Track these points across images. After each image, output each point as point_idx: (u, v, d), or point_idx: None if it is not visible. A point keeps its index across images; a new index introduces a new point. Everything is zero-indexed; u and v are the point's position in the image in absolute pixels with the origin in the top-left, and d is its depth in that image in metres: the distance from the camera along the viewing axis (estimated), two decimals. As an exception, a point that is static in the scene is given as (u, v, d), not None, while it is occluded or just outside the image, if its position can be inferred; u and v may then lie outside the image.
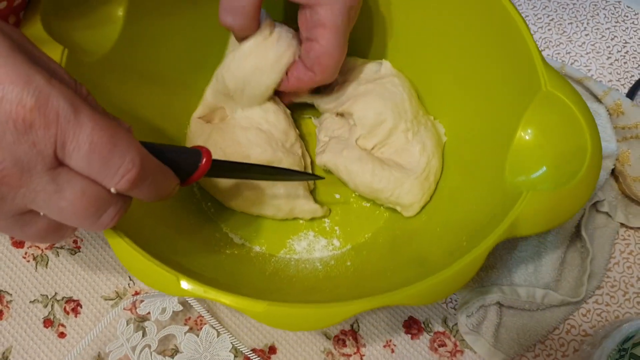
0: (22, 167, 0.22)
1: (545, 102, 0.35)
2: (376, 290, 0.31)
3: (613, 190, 0.47)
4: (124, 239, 0.30)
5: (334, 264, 0.43)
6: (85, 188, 0.24)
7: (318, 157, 0.44)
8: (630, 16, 0.56)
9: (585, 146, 0.33)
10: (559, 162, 0.34)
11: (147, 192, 0.27)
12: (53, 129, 0.22)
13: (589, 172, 0.33)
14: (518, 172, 0.35)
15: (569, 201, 0.33)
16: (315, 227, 0.45)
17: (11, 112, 0.21)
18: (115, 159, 0.24)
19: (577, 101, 0.34)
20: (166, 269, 0.29)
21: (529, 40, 0.36)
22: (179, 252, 0.36)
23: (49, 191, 0.23)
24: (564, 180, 0.33)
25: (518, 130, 0.36)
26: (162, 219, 0.39)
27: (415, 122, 0.43)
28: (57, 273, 0.43)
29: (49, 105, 0.22)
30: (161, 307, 0.41)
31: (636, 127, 0.47)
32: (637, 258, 0.46)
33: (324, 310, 0.29)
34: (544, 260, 0.43)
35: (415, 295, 0.30)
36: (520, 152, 0.36)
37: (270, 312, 0.29)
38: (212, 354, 0.41)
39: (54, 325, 0.42)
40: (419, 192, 0.42)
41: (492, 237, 0.32)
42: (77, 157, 0.23)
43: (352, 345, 0.42)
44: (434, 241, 0.39)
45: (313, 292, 0.38)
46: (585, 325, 0.43)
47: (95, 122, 0.23)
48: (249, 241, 0.44)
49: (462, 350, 0.42)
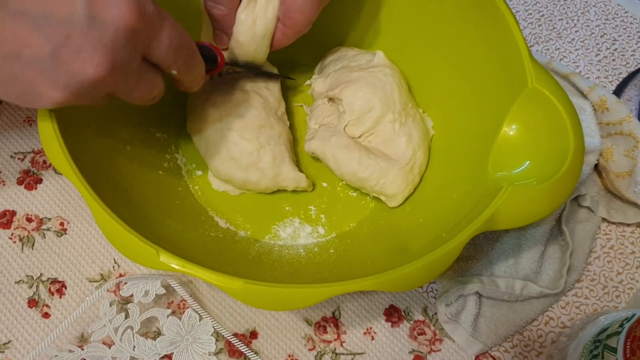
0: (120, 65, 0.28)
1: (530, 99, 0.35)
2: (355, 276, 0.31)
3: (596, 185, 0.47)
4: (109, 213, 0.31)
5: (318, 251, 0.43)
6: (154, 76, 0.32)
7: (307, 144, 0.44)
8: (620, 14, 0.57)
9: (568, 143, 0.34)
10: (541, 158, 0.35)
11: (192, 76, 0.35)
12: (149, 33, 0.29)
13: (571, 170, 0.33)
14: (501, 167, 0.35)
15: (550, 197, 0.33)
16: (301, 214, 0.45)
17: (123, 18, 0.27)
18: (182, 51, 0.32)
19: (562, 98, 0.35)
20: (147, 243, 0.30)
21: (519, 37, 0.36)
22: (163, 230, 0.37)
23: (132, 84, 0.31)
24: (546, 176, 0.33)
25: (503, 126, 0.36)
26: (148, 199, 0.39)
27: (403, 114, 0.44)
28: (42, 254, 0.44)
29: (146, 13, 0.28)
30: (144, 290, 0.41)
31: (620, 123, 0.47)
32: (618, 253, 0.46)
33: (299, 291, 0.30)
34: (524, 253, 0.44)
35: (388, 281, 0.31)
36: (503, 147, 0.36)
37: (247, 290, 0.30)
38: (193, 337, 0.41)
39: (38, 306, 0.42)
40: (403, 183, 0.42)
41: (469, 230, 0.32)
42: (158, 51, 0.30)
43: (332, 331, 0.43)
44: (416, 232, 0.40)
45: (294, 276, 0.39)
46: (563, 317, 0.44)
47: (171, 25, 0.30)
48: (235, 225, 0.44)
49: (441, 339, 0.43)
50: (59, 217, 0.45)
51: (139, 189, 0.39)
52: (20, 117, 0.48)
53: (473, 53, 0.41)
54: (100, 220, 0.31)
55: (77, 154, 0.33)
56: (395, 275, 0.31)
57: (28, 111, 0.48)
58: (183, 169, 0.46)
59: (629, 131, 0.47)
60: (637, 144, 0.46)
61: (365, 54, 0.47)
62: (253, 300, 0.30)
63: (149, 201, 0.39)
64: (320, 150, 0.43)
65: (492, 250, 0.44)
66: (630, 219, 0.46)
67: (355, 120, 0.44)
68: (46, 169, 0.46)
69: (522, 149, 0.36)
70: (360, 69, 0.45)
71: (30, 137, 0.47)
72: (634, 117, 0.47)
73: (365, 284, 0.30)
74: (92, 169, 0.34)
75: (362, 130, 0.44)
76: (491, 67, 0.39)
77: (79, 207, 0.45)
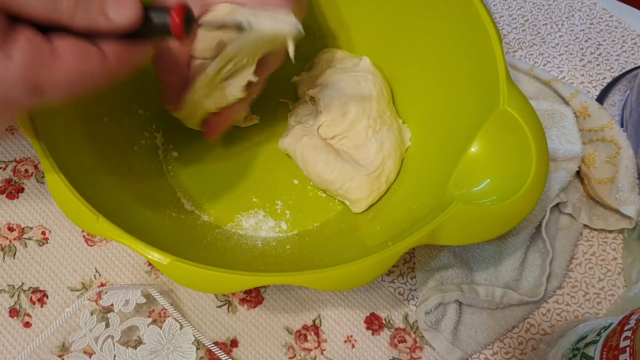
0: None
1: (499, 119, 0.36)
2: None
3: (577, 192, 0.47)
4: (59, 176, 0.33)
5: (275, 245, 0.44)
6: None
7: (281, 140, 0.45)
8: (605, 18, 0.57)
9: (530, 166, 0.34)
10: (501, 178, 0.35)
11: None
12: None
13: (529, 193, 0.34)
14: (461, 184, 0.36)
15: (502, 218, 0.34)
16: (267, 208, 0.46)
17: None
18: None
19: (530, 121, 0.35)
20: (89, 208, 0.32)
21: (500, 59, 0.37)
22: (122, 202, 0.39)
23: None
24: (504, 196, 0.34)
25: (471, 145, 0.36)
26: (114, 171, 0.41)
27: (379, 121, 0.44)
28: (24, 264, 0.44)
29: None
30: (124, 299, 0.41)
31: (602, 130, 0.47)
32: (600, 259, 0.47)
33: (226, 275, 0.31)
34: (504, 260, 0.44)
35: (317, 280, 0.32)
36: (467, 165, 0.36)
37: (175, 267, 0.31)
38: (174, 345, 0.41)
39: (19, 315, 0.42)
40: (367, 189, 0.43)
41: (408, 241, 0.33)
42: None
43: (313, 340, 0.43)
44: (370, 236, 0.40)
45: (240, 265, 0.40)
46: (544, 324, 0.44)
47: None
48: (199, 209, 0.45)
49: (422, 347, 0.43)
50: (41, 226, 0.45)
51: (108, 160, 0.41)
52: (2, 126, 0.48)
53: (454, 71, 0.42)
54: (50, 178, 0.33)
55: (42, 113, 0.35)
56: (322, 275, 0.32)
57: (10, 120, 0.48)
58: (160, 149, 0.48)
59: (611, 137, 0.47)
60: (618, 150, 0.46)
61: (353, 58, 0.48)
62: (181, 279, 0.32)
63: (113, 173, 0.41)
64: (292, 148, 0.44)
65: (473, 258, 0.44)
66: (612, 226, 0.46)
67: (330, 122, 0.44)
68: (28, 178, 0.46)
69: (483, 168, 0.36)
70: (344, 72, 0.46)
71: (12, 145, 0.47)
72: (616, 123, 0.47)
73: (293, 279, 0.32)
74: (59, 134, 0.36)
75: (335, 132, 0.44)
76: (469, 86, 0.40)
77: (60, 217, 0.45)
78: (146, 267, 0.44)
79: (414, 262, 0.45)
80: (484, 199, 0.34)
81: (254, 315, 0.43)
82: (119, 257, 0.44)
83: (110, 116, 0.44)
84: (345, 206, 0.45)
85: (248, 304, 0.43)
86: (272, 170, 0.48)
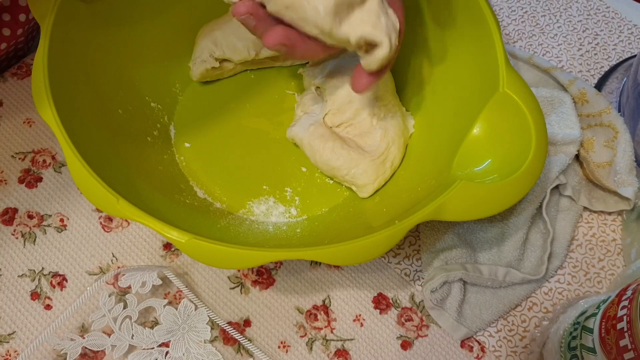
0: None
1: (499, 102, 0.38)
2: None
3: (577, 175, 0.49)
4: (81, 162, 0.35)
5: (285, 229, 0.45)
6: None
7: (288, 130, 0.47)
8: (602, 9, 0.58)
9: (530, 146, 0.36)
10: (502, 158, 0.37)
11: None
12: None
13: (529, 171, 0.35)
14: (464, 165, 0.37)
15: (502, 195, 0.35)
16: (277, 194, 0.48)
17: None
18: None
19: (529, 103, 0.37)
20: (109, 190, 0.34)
21: (499, 46, 0.38)
22: (137, 187, 0.41)
23: None
24: (504, 175, 0.35)
25: (473, 127, 0.38)
26: (129, 160, 0.43)
27: (383, 109, 0.46)
28: (44, 249, 0.45)
29: None
30: (141, 281, 0.43)
31: (600, 115, 0.49)
32: (600, 240, 0.48)
33: (240, 252, 0.33)
34: (506, 241, 0.45)
35: (328, 254, 0.33)
36: (469, 147, 0.38)
37: (193, 244, 0.33)
38: (190, 325, 0.43)
39: (40, 298, 0.44)
40: (373, 175, 0.44)
41: (415, 217, 0.34)
42: None
43: (323, 319, 0.44)
44: (377, 217, 0.42)
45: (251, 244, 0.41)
46: (546, 302, 0.46)
47: None
48: (212, 197, 0.47)
49: (428, 325, 0.44)
50: (59, 213, 0.47)
51: (123, 149, 0.43)
52: (20, 119, 0.50)
53: (456, 58, 0.43)
54: (71, 164, 0.35)
55: (64, 108, 0.37)
56: (331, 250, 0.34)
57: (27, 113, 0.50)
58: (172, 140, 0.49)
59: (609, 122, 0.48)
60: (616, 134, 0.48)
61: None
62: (199, 256, 0.33)
63: (129, 162, 0.43)
64: (299, 137, 0.46)
65: (476, 239, 0.46)
66: (611, 207, 0.48)
67: (336, 110, 0.46)
68: (46, 168, 0.48)
69: (485, 149, 0.38)
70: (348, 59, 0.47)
71: (30, 137, 0.49)
72: (613, 108, 0.49)
73: (304, 254, 0.33)
74: (77, 123, 0.38)
75: (341, 119, 0.46)
76: (470, 72, 0.42)
77: (78, 204, 0.47)
78: (161, 252, 0.46)
79: (419, 244, 0.47)
80: (486, 177, 0.36)
81: (266, 296, 0.45)
82: (135, 243, 0.46)
83: (124, 108, 0.46)
84: (352, 192, 0.47)
85: (260, 285, 0.45)
86: (281, 159, 0.49)
